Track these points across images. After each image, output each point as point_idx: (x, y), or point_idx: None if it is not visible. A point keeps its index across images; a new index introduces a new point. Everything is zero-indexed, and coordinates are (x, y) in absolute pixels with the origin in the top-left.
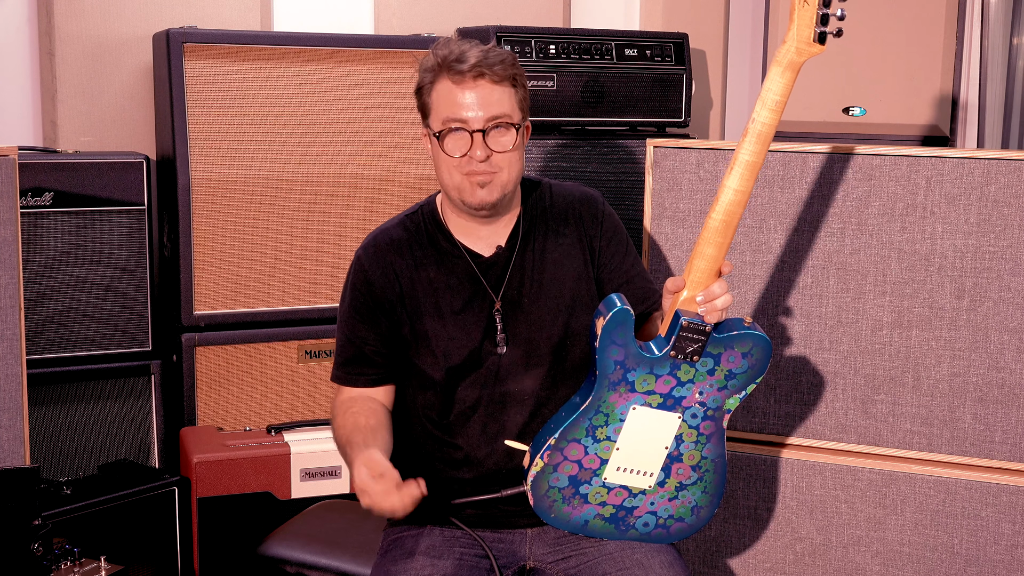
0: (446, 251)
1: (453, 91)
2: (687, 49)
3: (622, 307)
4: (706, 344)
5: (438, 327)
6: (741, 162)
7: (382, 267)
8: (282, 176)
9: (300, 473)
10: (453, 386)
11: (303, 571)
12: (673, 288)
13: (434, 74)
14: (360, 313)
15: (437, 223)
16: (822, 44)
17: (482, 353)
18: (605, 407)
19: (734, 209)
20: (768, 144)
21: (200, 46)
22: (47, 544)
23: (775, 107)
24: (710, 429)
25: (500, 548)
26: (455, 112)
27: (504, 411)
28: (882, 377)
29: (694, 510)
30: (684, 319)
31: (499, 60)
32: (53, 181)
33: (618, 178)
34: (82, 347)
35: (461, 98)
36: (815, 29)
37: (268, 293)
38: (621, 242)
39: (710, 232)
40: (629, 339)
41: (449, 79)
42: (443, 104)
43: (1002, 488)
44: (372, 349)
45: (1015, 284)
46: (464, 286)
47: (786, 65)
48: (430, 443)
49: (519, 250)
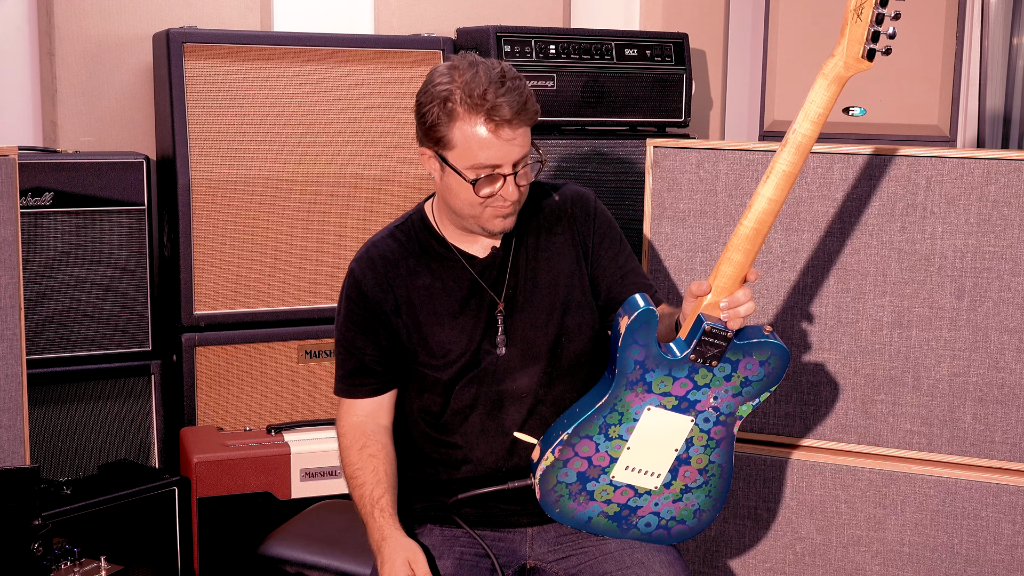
0: (440, 256)
1: (491, 139)
2: (687, 49)
3: (647, 307)
4: (726, 350)
5: (437, 331)
6: (778, 172)
7: (376, 278)
8: (282, 176)
9: (300, 473)
10: (452, 387)
11: (303, 571)
12: (697, 292)
13: (463, 109)
14: (357, 325)
15: (429, 230)
16: (870, 61)
17: (481, 353)
18: (620, 406)
19: (766, 218)
20: (806, 155)
21: (200, 46)
22: (47, 544)
23: (817, 119)
24: (720, 434)
25: (500, 547)
26: (492, 160)
27: (502, 410)
28: (882, 377)
29: (696, 513)
30: (707, 323)
31: (530, 99)
32: (53, 181)
33: (618, 178)
34: (82, 347)
35: (499, 148)
36: (865, 46)
37: (268, 293)
38: (615, 239)
39: (740, 239)
40: (651, 340)
41: (485, 125)
42: (474, 147)
43: (1002, 488)
44: (372, 359)
45: (1015, 284)
46: (461, 289)
47: (832, 79)
48: (428, 444)
49: (514, 250)
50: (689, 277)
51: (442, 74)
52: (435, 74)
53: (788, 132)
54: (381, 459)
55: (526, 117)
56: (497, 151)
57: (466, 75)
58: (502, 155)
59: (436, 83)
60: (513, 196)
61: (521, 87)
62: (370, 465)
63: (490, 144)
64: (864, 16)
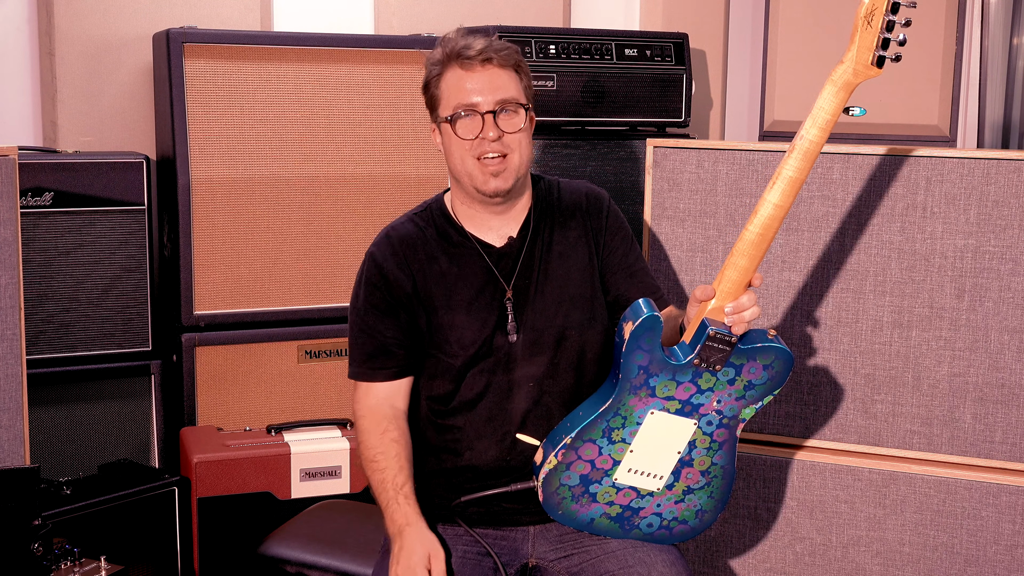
0: (458, 244)
1: (463, 77)
2: (687, 49)
3: (651, 313)
4: (730, 354)
5: (452, 317)
6: (784, 178)
7: (396, 261)
8: (282, 176)
9: (300, 473)
10: (464, 374)
11: (303, 571)
12: (702, 296)
13: (442, 65)
14: (378, 308)
15: (447, 217)
16: (879, 68)
17: (494, 341)
18: (624, 410)
19: (771, 223)
20: (813, 162)
21: (200, 46)
22: (47, 544)
23: (825, 126)
24: (723, 437)
25: (503, 546)
26: (465, 97)
27: (510, 398)
28: (882, 377)
29: (698, 514)
30: (711, 328)
31: (504, 47)
32: (53, 181)
33: (618, 178)
34: (82, 347)
35: (471, 83)
36: (875, 52)
37: (268, 293)
38: (625, 238)
39: (745, 244)
40: (656, 345)
41: (458, 66)
42: (453, 91)
43: (1002, 488)
44: (392, 340)
45: (1015, 284)
46: (476, 276)
47: (841, 85)
48: (433, 431)
49: (530, 240)
50: (689, 277)
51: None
52: None
53: (795, 138)
54: (402, 445)
55: (494, 53)
56: (470, 87)
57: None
58: (476, 90)
59: (430, 56)
60: (494, 136)
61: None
62: (393, 450)
63: (462, 81)
64: (874, 23)
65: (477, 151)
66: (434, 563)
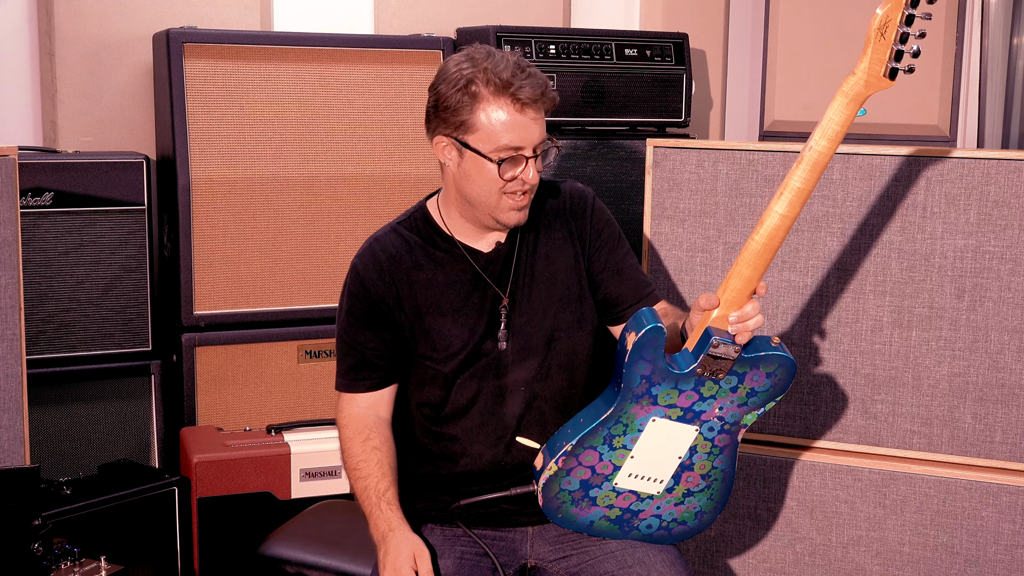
0: (444, 251)
1: (516, 119)
2: (687, 49)
3: (654, 325)
4: (733, 363)
5: (439, 324)
6: (792, 188)
7: (378, 273)
8: (282, 176)
9: (300, 473)
10: (453, 380)
11: (303, 571)
12: (706, 305)
13: (487, 91)
14: (360, 320)
15: (433, 226)
16: (892, 80)
17: (483, 347)
18: (625, 418)
19: (777, 233)
20: (821, 172)
21: (200, 46)
22: (47, 544)
23: (835, 137)
24: (725, 442)
25: (501, 547)
26: (517, 141)
27: (502, 403)
28: (882, 377)
29: (698, 515)
30: (715, 338)
31: (551, 89)
32: (53, 181)
33: (618, 178)
34: (82, 347)
35: (524, 130)
36: (888, 64)
37: (268, 293)
38: (612, 235)
39: (750, 253)
40: (659, 355)
41: (509, 102)
42: (500, 129)
43: (1002, 488)
44: (373, 353)
45: (1015, 284)
46: (464, 283)
47: (852, 97)
48: (428, 438)
49: (518, 246)
50: (689, 277)
51: (460, 61)
52: (451, 63)
53: (804, 149)
54: (385, 452)
55: (546, 100)
56: (521, 133)
57: (486, 61)
58: (525, 137)
59: (456, 69)
60: (534, 180)
61: (539, 73)
62: (374, 457)
63: (514, 126)
64: (888, 35)
65: (510, 189)
66: (420, 562)
